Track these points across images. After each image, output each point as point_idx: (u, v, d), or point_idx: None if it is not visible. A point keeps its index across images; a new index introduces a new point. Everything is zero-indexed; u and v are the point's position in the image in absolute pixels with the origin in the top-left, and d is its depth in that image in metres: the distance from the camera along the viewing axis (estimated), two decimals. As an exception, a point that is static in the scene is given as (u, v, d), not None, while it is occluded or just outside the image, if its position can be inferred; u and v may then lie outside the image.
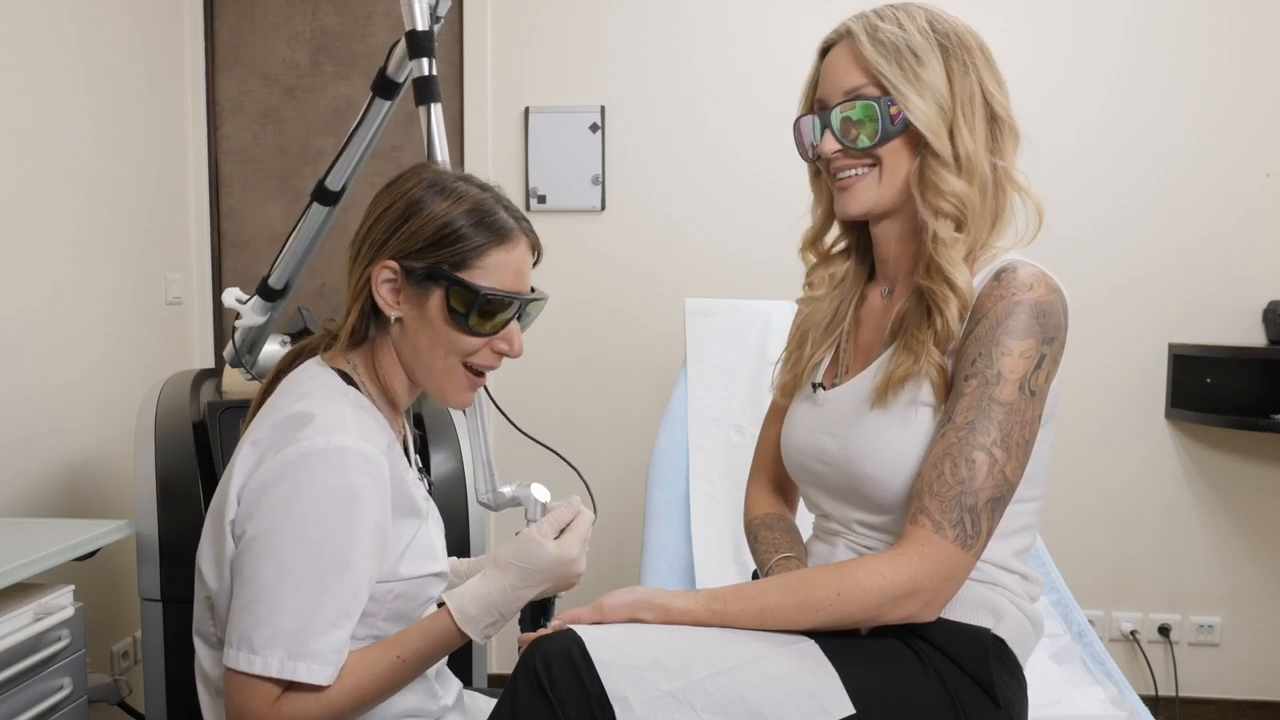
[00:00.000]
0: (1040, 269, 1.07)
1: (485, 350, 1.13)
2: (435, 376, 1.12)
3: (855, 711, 0.97)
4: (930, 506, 1.01)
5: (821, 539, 1.22)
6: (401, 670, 1.06)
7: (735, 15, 2.74)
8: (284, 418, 1.04)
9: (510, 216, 1.12)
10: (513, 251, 1.11)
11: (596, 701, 0.95)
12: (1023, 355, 1.02)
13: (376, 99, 1.62)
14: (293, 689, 0.99)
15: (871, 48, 1.08)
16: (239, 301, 1.91)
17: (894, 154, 1.10)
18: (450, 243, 1.08)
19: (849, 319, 1.23)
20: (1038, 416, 1.04)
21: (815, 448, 1.17)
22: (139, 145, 2.61)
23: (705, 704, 0.96)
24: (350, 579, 1.00)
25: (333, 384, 1.09)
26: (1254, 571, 2.71)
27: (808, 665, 1.00)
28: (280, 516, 0.99)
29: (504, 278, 1.10)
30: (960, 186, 1.07)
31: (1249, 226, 2.64)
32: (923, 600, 1.01)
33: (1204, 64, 2.62)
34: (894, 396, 1.08)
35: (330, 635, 0.99)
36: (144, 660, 1.84)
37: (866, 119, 1.09)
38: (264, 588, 0.98)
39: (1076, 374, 2.69)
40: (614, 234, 2.80)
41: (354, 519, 1.00)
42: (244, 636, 0.99)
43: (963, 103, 1.08)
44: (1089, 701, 1.60)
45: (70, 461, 2.33)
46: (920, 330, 1.08)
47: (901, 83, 1.07)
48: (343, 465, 1.00)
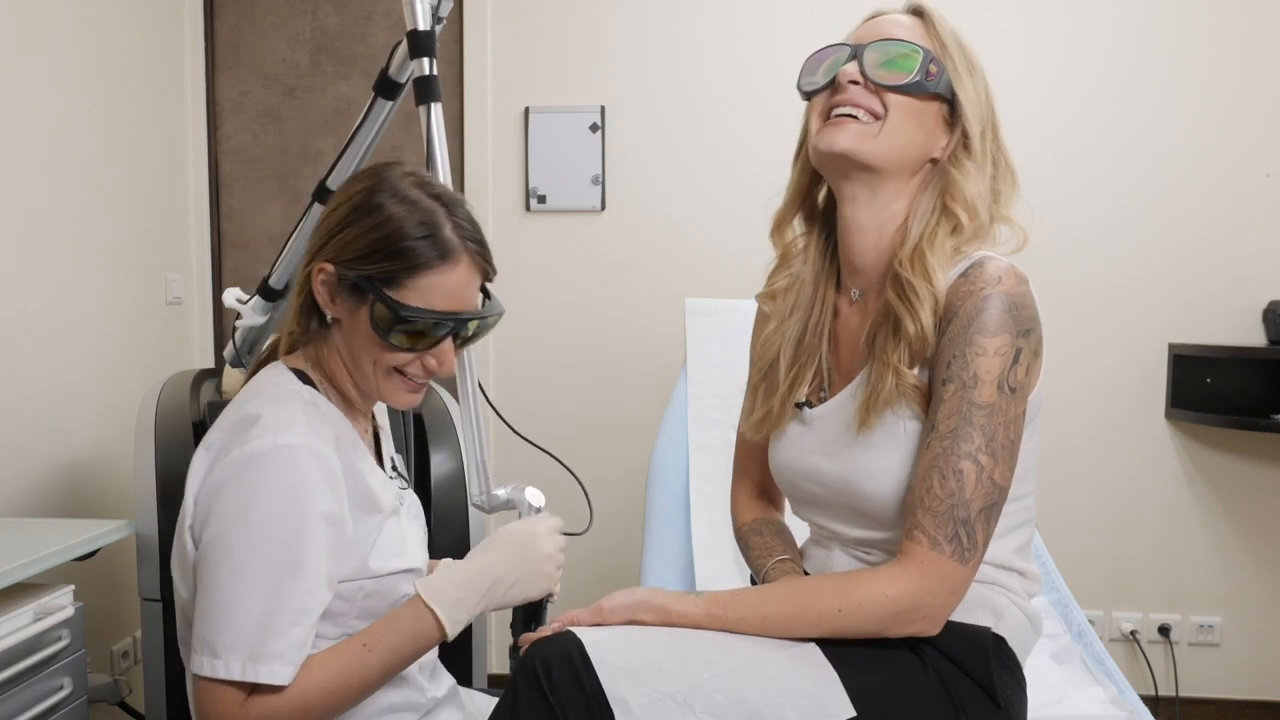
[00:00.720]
0: (1008, 262, 1.05)
1: (416, 364, 1.10)
2: (369, 380, 1.11)
3: (856, 713, 0.97)
4: (924, 522, 1.00)
5: (818, 544, 1.21)
6: (368, 660, 1.04)
7: (735, 15, 2.73)
8: (233, 420, 1.04)
9: (457, 235, 1.07)
10: (449, 275, 1.06)
11: (596, 703, 0.95)
12: (997, 353, 1.00)
13: (378, 99, 1.62)
14: (259, 690, 0.99)
15: (940, 20, 1.09)
16: (239, 301, 1.91)
17: (906, 114, 1.07)
18: (381, 259, 1.04)
19: (825, 338, 1.18)
20: (1021, 413, 1.02)
21: (809, 468, 1.15)
22: (139, 145, 2.61)
23: (705, 706, 0.95)
24: (306, 577, 1.00)
25: (286, 384, 1.09)
26: (1254, 571, 2.71)
27: (808, 667, 0.99)
28: (232, 519, 0.99)
29: (435, 299, 1.06)
30: (979, 190, 1.07)
31: (1249, 226, 2.64)
32: (926, 617, 1.00)
33: (1204, 64, 2.62)
34: (878, 420, 1.06)
35: (289, 634, 0.99)
36: (144, 660, 1.84)
37: (903, 61, 1.06)
38: (222, 592, 0.98)
39: (1076, 374, 2.70)
40: (614, 234, 2.80)
41: (305, 516, 1.00)
42: (205, 641, 0.99)
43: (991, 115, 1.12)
44: (1089, 701, 1.60)
45: (70, 461, 2.33)
46: (889, 347, 1.05)
47: (960, 64, 1.08)
48: (291, 463, 1.00)
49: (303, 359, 1.13)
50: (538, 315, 2.81)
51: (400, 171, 1.10)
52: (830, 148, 1.07)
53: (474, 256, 1.09)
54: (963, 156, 1.08)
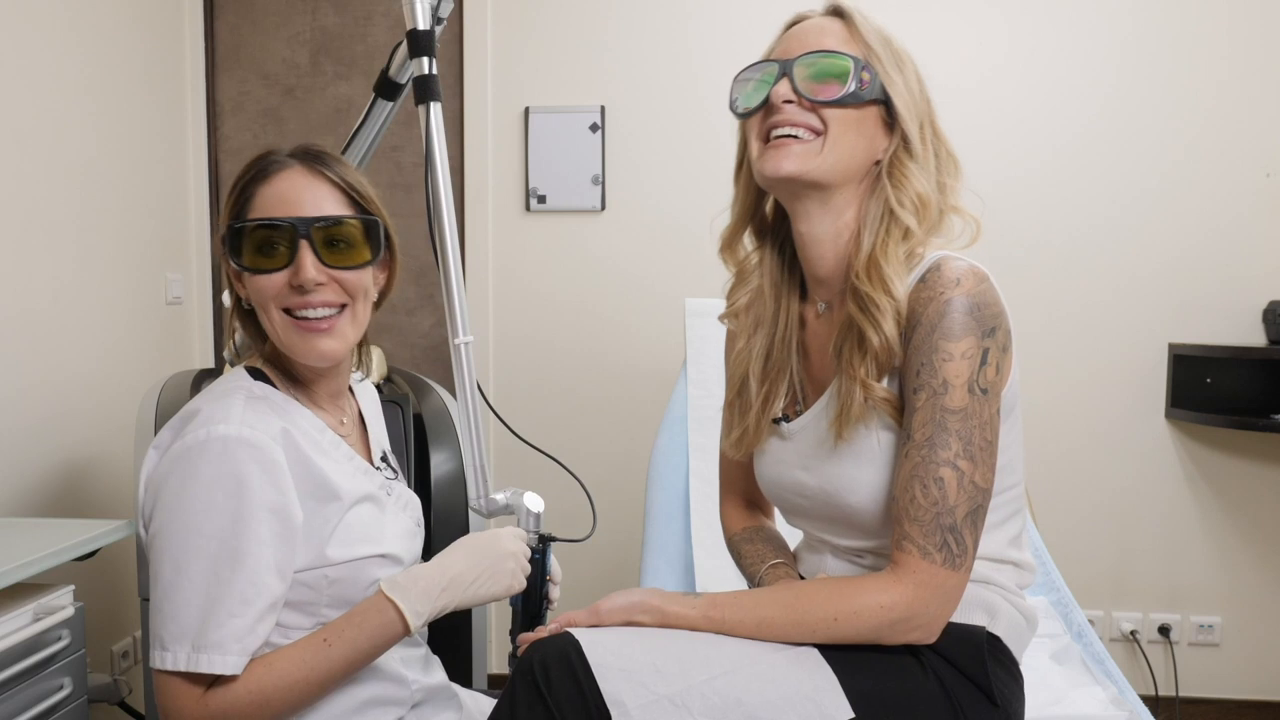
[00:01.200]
0: (967, 262, 1.03)
1: (283, 289, 1.07)
2: (276, 336, 1.11)
3: (854, 715, 0.97)
4: (912, 532, 0.99)
5: (811, 548, 1.21)
6: (329, 654, 1.04)
7: (735, 15, 2.73)
8: (176, 417, 1.07)
9: (287, 154, 1.11)
10: (277, 182, 1.09)
11: (594, 705, 0.95)
12: (964, 356, 0.99)
13: (379, 100, 1.62)
14: (216, 683, 1.00)
15: (862, 20, 1.08)
16: (239, 301, 1.91)
17: (845, 126, 1.05)
18: (232, 204, 1.10)
19: (795, 350, 1.17)
20: (996, 413, 1.02)
21: (793, 482, 1.15)
22: (139, 145, 2.61)
23: (702, 708, 0.95)
24: (246, 567, 1.00)
25: (235, 380, 1.11)
26: (1254, 571, 2.71)
27: (806, 669, 0.99)
28: (171, 512, 1.01)
29: (270, 206, 1.08)
30: (925, 187, 1.06)
31: (1249, 226, 2.64)
32: (922, 626, 1.01)
33: (1204, 64, 2.62)
34: (851, 433, 1.06)
35: (228, 625, 0.99)
36: (144, 660, 1.84)
37: (835, 72, 1.04)
38: (166, 585, 1.00)
39: (1077, 374, 2.70)
40: (614, 234, 2.80)
41: (242, 506, 1.00)
42: (156, 635, 1.00)
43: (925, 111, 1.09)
44: (1089, 701, 1.60)
45: (70, 461, 2.33)
46: (855, 360, 1.04)
47: (887, 61, 1.06)
48: (225, 454, 1.01)
49: (259, 359, 1.16)
50: (538, 315, 2.81)
51: None
52: (776, 173, 1.06)
53: (305, 162, 1.10)
54: (904, 157, 1.06)
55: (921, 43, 1.20)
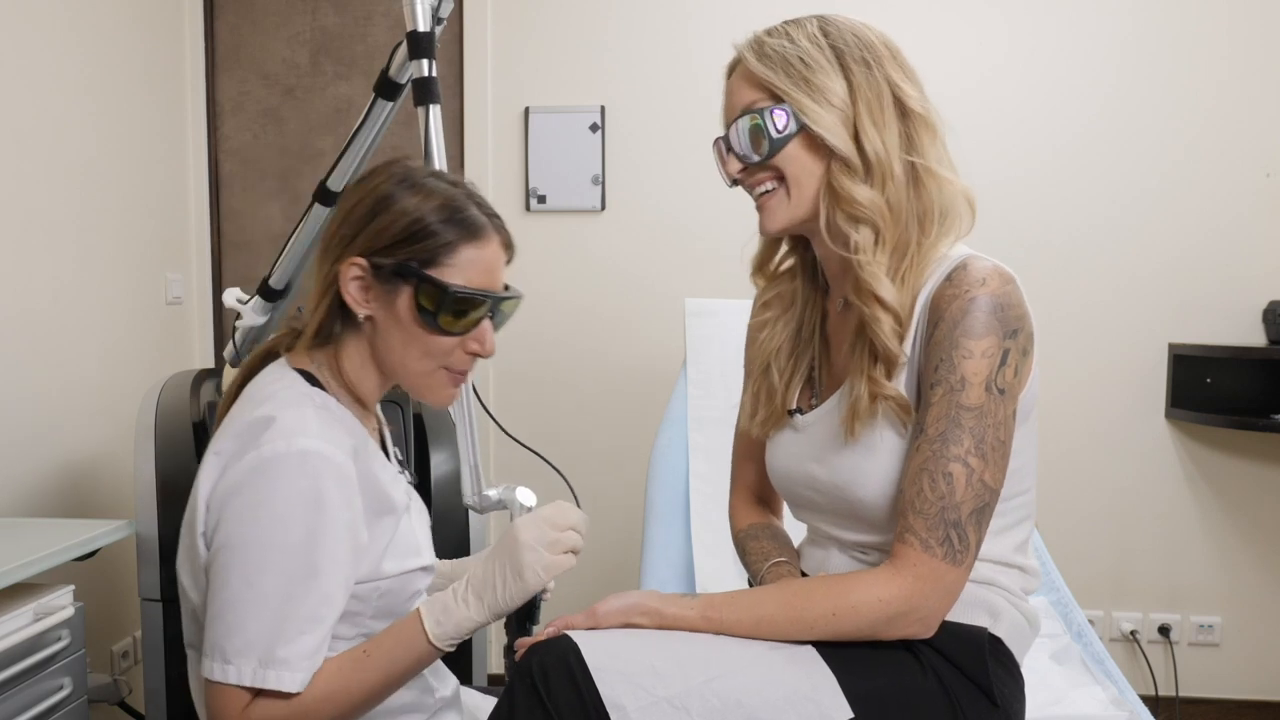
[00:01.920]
0: (993, 262, 1.03)
1: (458, 352, 1.10)
2: (412, 377, 1.11)
3: (854, 715, 0.97)
4: (915, 525, 1.00)
5: (816, 544, 1.21)
6: (367, 667, 1.03)
7: (735, 15, 2.73)
8: (245, 424, 1.02)
9: (482, 213, 1.10)
10: (484, 249, 1.09)
11: (593, 708, 0.95)
12: (984, 355, 0.99)
13: (379, 100, 1.62)
14: (263, 694, 0.99)
15: (758, 62, 1.06)
16: (240, 302, 1.91)
17: (796, 164, 1.07)
18: (419, 239, 1.06)
19: (816, 339, 1.20)
20: (1011, 414, 1.02)
21: (804, 475, 1.15)
22: (139, 145, 2.61)
23: (702, 710, 0.95)
24: (319, 584, 0.99)
25: (295, 386, 1.08)
26: (1254, 571, 2.71)
27: (805, 669, 0.99)
28: (245, 524, 0.98)
29: (474, 275, 1.08)
30: (868, 194, 1.04)
31: (1249, 226, 2.64)
32: (919, 619, 1.01)
33: (1204, 64, 2.62)
34: (862, 429, 1.06)
35: (299, 642, 0.98)
36: (144, 660, 1.85)
37: (753, 130, 1.06)
38: (233, 597, 0.98)
39: (1076, 374, 2.70)
40: (614, 234, 2.80)
41: (320, 522, 0.99)
42: (216, 645, 0.98)
43: (868, 103, 1.05)
44: (1089, 701, 1.60)
45: (70, 461, 2.33)
46: (863, 359, 1.06)
47: (792, 89, 1.04)
48: (306, 469, 0.99)
49: (309, 360, 1.12)
50: (538, 315, 2.81)
51: (410, 165, 1.13)
52: (767, 231, 1.13)
53: (501, 233, 1.13)
54: (839, 172, 1.05)
55: (921, 43, 1.21)
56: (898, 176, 1.05)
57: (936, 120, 1.09)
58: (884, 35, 1.10)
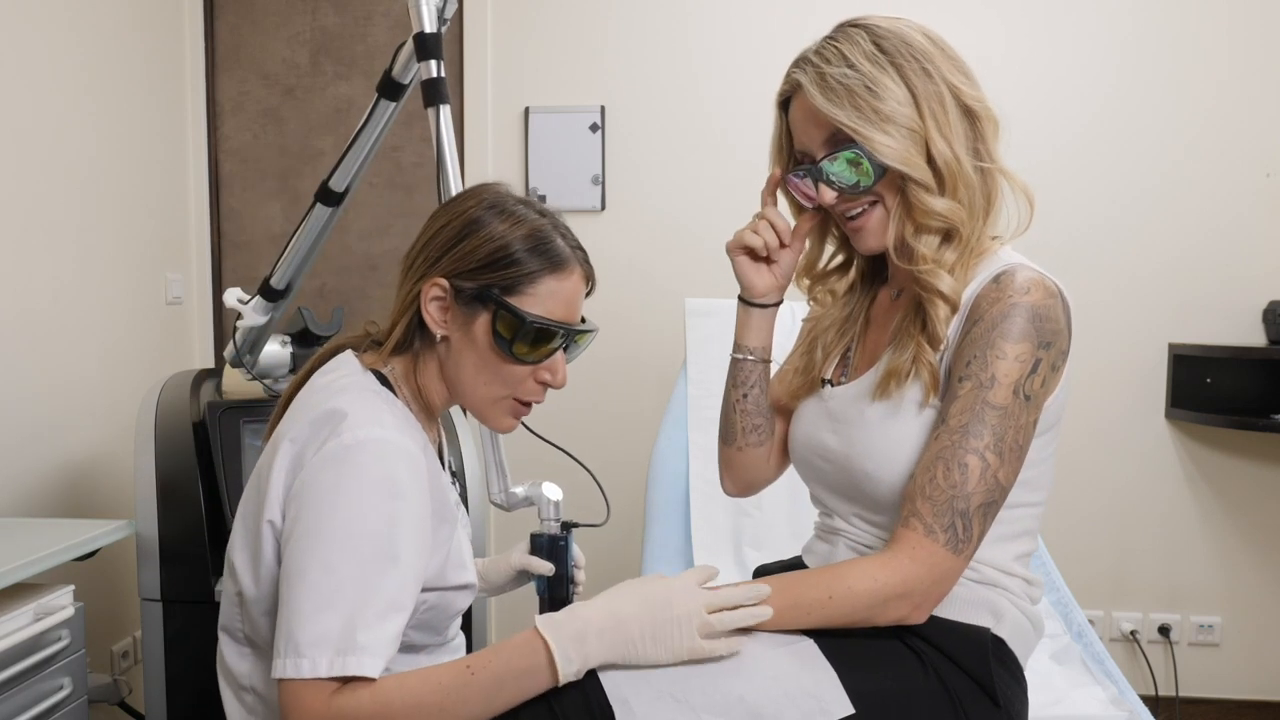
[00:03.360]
0: (1040, 273, 1.06)
1: (529, 381, 1.11)
2: (478, 401, 1.11)
3: (855, 711, 0.98)
4: (922, 510, 1.01)
5: (822, 538, 1.22)
6: (469, 683, 0.95)
7: (735, 15, 2.73)
8: (321, 413, 1.01)
9: (567, 245, 1.10)
10: (565, 281, 1.10)
11: (596, 704, 0.96)
12: (1017, 359, 1.01)
13: (381, 100, 1.62)
14: (346, 686, 0.94)
15: (824, 99, 1.06)
16: (240, 302, 1.91)
17: (891, 186, 1.09)
18: (503, 266, 1.06)
19: (861, 319, 1.23)
20: (1033, 422, 1.04)
21: (819, 444, 1.18)
22: (139, 145, 2.61)
23: (704, 704, 0.96)
24: (398, 571, 0.97)
25: (366, 383, 1.08)
26: (1254, 571, 2.71)
27: (806, 665, 1.00)
28: (324, 512, 0.96)
29: (553, 307, 1.08)
30: (945, 205, 1.06)
31: (1249, 226, 2.64)
32: (913, 603, 1.02)
33: (1204, 64, 2.62)
34: (892, 391, 1.08)
35: (379, 628, 0.95)
36: (144, 660, 1.85)
37: (854, 163, 1.07)
38: (311, 586, 0.95)
39: (1077, 374, 2.69)
40: (614, 234, 2.80)
41: (399, 509, 0.98)
42: (290, 638, 0.94)
43: (933, 111, 1.06)
44: (1089, 702, 1.60)
45: (70, 461, 2.33)
46: (913, 328, 1.09)
47: (863, 126, 1.04)
48: (385, 456, 0.98)
49: (381, 361, 1.12)
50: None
51: (502, 189, 1.13)
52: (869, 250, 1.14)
53: (584, 266, 1.13)
54: (912, 186, 1.07)
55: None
56: (970, 179, 1.08)
57: (997, 113, 1.12)
58: (924, 29, 1.11)
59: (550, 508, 1.33)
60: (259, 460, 1.09)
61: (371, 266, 2.93)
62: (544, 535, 1.32)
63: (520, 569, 1.33)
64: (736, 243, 1.21)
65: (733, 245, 1.22)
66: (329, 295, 2.94)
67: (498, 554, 1.39)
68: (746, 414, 1.28)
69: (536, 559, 1.31)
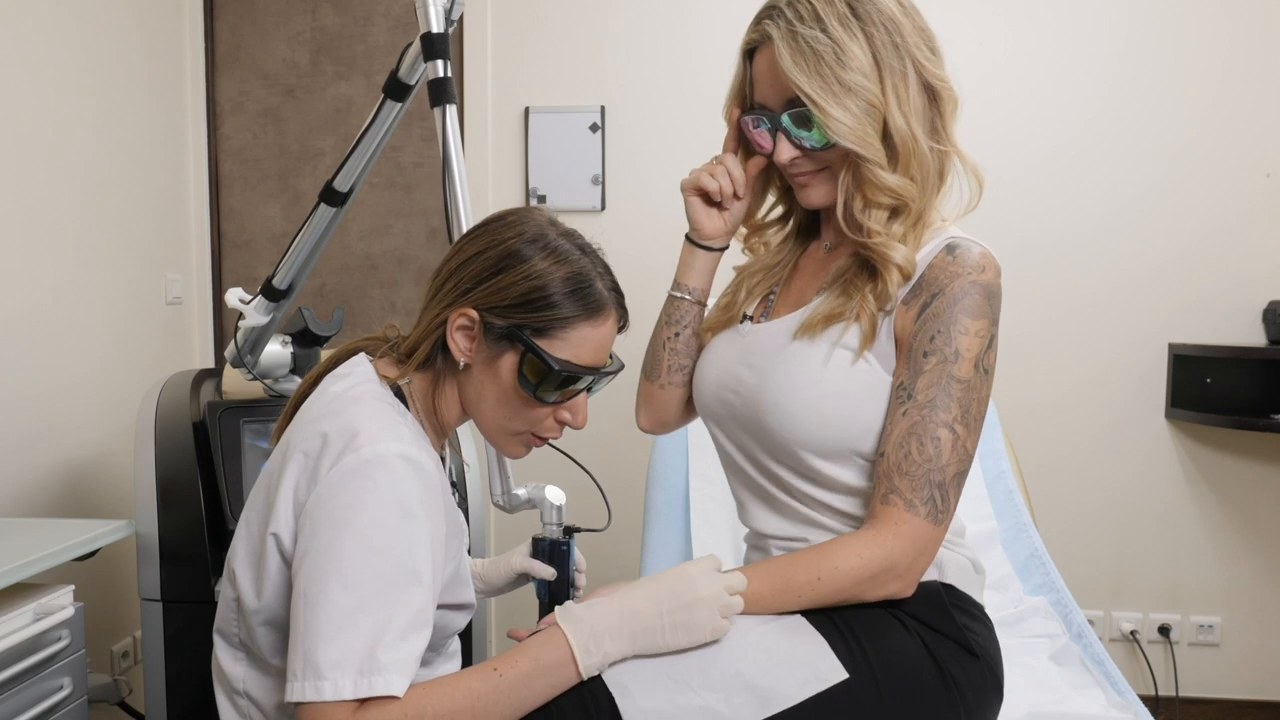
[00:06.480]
0: (986, 249, 1.09)
1: (550, 420, 1.09)
2: (494, 430, 1.09)
3: (848, 675, 1.01)
4: (901, 486, 1.04)
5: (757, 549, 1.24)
6: (498, 685, 0.94)
7: (735, 15, 2.73)
8: (336, 426, 0.98)
9: (606, 288, 1.07)
10: (600, 327, 1.07)
11: (597, 693, 0.97)
12: (978, 335, 1.06)
13: (388, 101, 1.61)
14: (370, 702, 0.91)
15: (792, 63, 1.05)
16: (242, 302, 1.91)
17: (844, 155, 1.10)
18: (539, 308, 1.03)
19: (790, 266, 1.25)
20: (988, 395, 1.08)
21: (732, 378, 1.19)
22: (139, 145, 2.61)
23: (702, 681, 0.98)
24: (421, 588, 0.94)
25: (380, 394, 1.04)
26: (1254, 571, 2.71)
27: (797, 635, 1.03)
28: (341, 529, 0.93)
29: (583, 353, 1.05)
30: (896, 181, 1.08)
31: (1249, 226, 2.64)
32: (898, 576, 1.04)
33: (1204, 64, 2.62)
34: (821, 332, 1.10)
35: (403, 647, 0.92)
36: (144, 660, 1.85)
37: (814, 127, 1.07)
38: (330, 605, 0.91)
39: (1077, 374, 2.70)
40: (614, 234, 2.80)
41: (418, 527, 0.95)
42: (309, 660, 0.90)
43: (895, 86, 1.06)
44: (1089, 702, 1.60)
45: (70, 461, 2.33)
46: (860, 280, 1.11)
47: (824, 99, 1.04)
48: (403, 474, 0.95)
49: (397, 371, 1.09)
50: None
51: (545, 219, 1.08)
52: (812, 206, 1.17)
53: (619, 309, 1.11)
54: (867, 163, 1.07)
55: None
56: (924, 156, 1.09)
57: (956, 93, 1.13)
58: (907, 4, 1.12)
59: (553, 512, 1.32)
60: (267, 465, 1.07)
61: (371, 266, 2.93)
62: (546, 539, 1.32)
63: (521, 572, 1.33)
64: (692, 182, 1.24)
65: (688, 184, 1.24)
66: (329, 295, 2.94)
67: (497, 555, 1.39)
68: (675, 353, 1.32)
69: (538, 563, 1.31)
